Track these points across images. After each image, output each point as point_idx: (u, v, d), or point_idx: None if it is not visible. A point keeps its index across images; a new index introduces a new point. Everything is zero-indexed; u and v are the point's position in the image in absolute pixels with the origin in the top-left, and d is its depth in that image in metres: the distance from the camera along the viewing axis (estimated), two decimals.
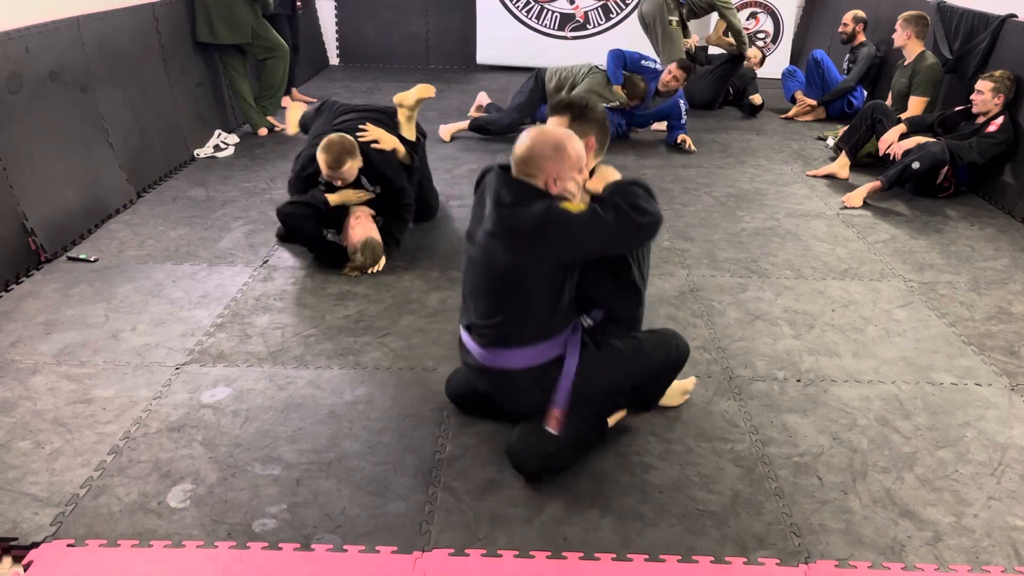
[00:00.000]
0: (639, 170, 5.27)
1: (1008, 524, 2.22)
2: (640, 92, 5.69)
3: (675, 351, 2.51)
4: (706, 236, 4.19)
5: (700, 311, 3.39)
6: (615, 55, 5.74)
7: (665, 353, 2.48)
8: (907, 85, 5.52)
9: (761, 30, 8.33)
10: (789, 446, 2.53)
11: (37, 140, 3.80)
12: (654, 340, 2.48)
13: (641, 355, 2.42)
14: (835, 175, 5.19)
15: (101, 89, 4.42)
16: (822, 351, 3.09)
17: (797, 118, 6.71)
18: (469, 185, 4.89)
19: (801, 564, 2.07)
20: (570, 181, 2.18)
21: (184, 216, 4.33)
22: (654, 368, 2.47)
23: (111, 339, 3.08)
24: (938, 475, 2.41)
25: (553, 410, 2.30)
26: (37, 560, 2.04)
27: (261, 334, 3.13)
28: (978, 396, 2.82)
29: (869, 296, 3.55)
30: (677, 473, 2.39)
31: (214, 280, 3.58)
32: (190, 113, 5.44)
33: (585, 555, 2.08)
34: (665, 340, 2.51)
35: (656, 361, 2.46)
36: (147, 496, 2.26)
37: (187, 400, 2.70)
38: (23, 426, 2.55)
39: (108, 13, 4.59)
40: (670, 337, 2.53)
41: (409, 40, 8.63)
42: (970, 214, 4.59)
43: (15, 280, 3.51)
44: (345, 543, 2.10)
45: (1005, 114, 4.64)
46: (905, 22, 5.47)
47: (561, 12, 8.24)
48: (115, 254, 3.83)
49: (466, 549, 2.09)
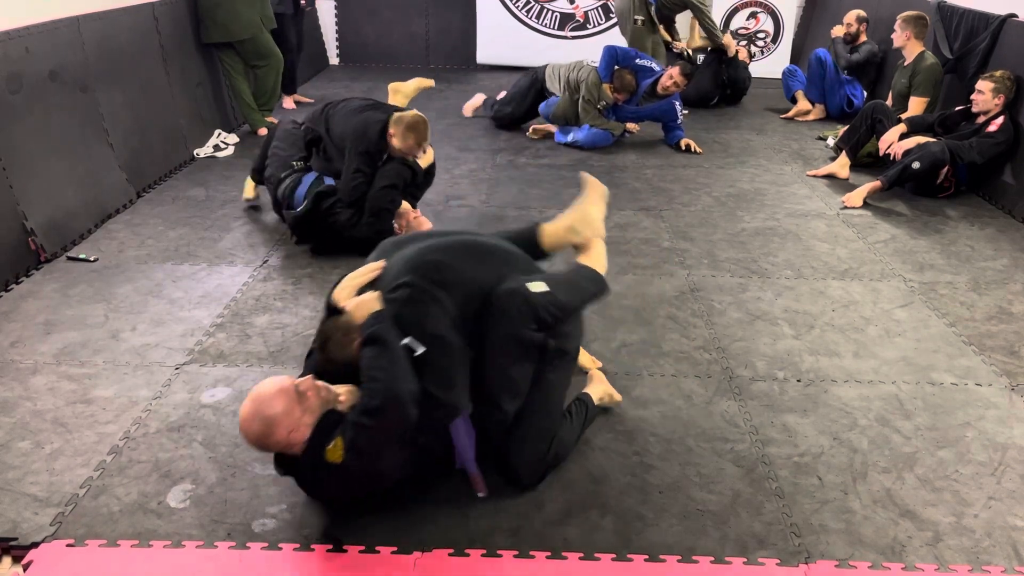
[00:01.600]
0: (639, 170, 5.28)
1: (1008, 524, 2.22)
2: (627, 85, 5.68)
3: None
4: (706, 236, 4.19)
5: (700, 311, 3.39)
6: (608, 52, 5.76)
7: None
8: (907, 85, 5.52)
9: (761, 30, 8.32)
10: (789, 446, 2.53)
11: (37, 140, 3.80)
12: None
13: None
14: (835, 175, 5.19)
15: (101, 89, 4.42)
16: (822, 351, 3.09)
17: (797, 118, 6.71)
18: (469, 185, 4.89)
19: (801, 564, 2.07)
20: (307, 415, 1.99)
21: (184, 216, 4.32)
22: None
23: (111, 339, 3.08)
24: (938, 475, 2.41)
25: (472, 476, 2.25)
26: (37, 560, 2.04)
27: (261, 334, 3.13)
28: (978, 396, 2.82)
29: (869, 296, 3.55)
30: (677, 473, 2.39)
31: (214, 280, 3.58)
32: (190, 113, 5.44)
33: (585, 555, 2.08)
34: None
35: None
36: (147, 496, 2.26)
37: (187, 400, 2.70)
38: (23, 426, 2.54)
39: (108, 13, 4.59)
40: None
41: (409, 40, 8.63)
42: (970, 214, 4.59)
43: (15, 280, 3.51)
44: (345, 543, 2.09)
45: (1005, 114, 4.64)
46: (905, 22, 5.47)
47: (561, 12, 8.24)
48: (115, 254, 3.83)
49: (466, 549, 2.09)
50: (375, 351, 2.02)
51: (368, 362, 2.01)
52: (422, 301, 2.15)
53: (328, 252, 3.83)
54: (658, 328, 3.24)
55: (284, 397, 1.98)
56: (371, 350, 2.03)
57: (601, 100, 5.70)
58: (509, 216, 4.38)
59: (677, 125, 5.79)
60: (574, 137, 5.78)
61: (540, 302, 2.20)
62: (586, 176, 2.79)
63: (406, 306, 2.14)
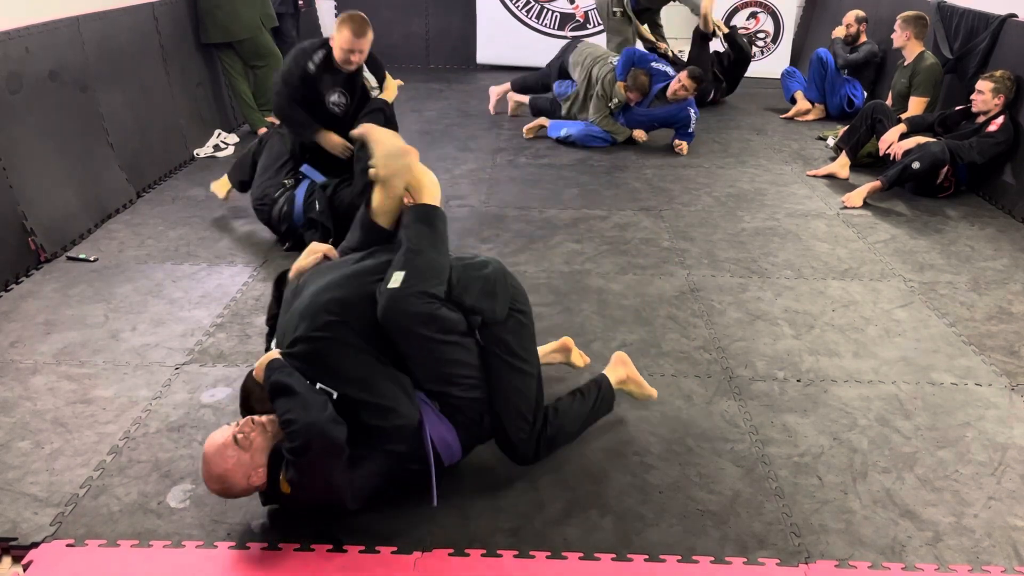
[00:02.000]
0: (639, 170, 5.28)
1: (1008, 524, 2.22)
2: (641, 85, 5.67)
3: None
4: (706, 236, 4.19)
5: (700, 311, 3.39)
6: (627, 54, 5.80)
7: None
8: (907, 85, 5.52)
9: (761, 30, 8.32)
10: (789, 446, 2.53)
11: (37, 140, 3.80)
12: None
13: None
14: (835, 175, 5.19)
15: (101, 89, 4.42)
16: (822, 351, 3.09)
17: (796, 118, 6.71)
18: (469, 185, 4.89)
19: (801, 564, 2.07)
20: (257, 456, 2.01)
21: (184, 216, 4.32)
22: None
23: (111, 339, 3.08)
24: (938, 475, 2.41)
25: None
26: (37, 560, 2.04)
27: (261, 334, 3.13)
28: (978, 396, 2.82)
29: (869, 296, 3.55)
30: (677, 473, 2.39)
31: (214, 280, 3.58)
32: (190, 113, 5.44)
33: (585, 555, 2.08)
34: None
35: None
36: (147, 496, 2.26)
37: (187, 400, 2.70)
38: (23, 426, 2.54)
39: (108, 13, 4.59)
40: None
41: (409, 40, 8.62)
42: (970, 214, 4.59)
43: (15, 280, 3.51)
44: (345, 543, 2.09)
45: (1005, 114, 4.64)
46: (904, 23, 5.47)
47: (561, 12, 8.24)
48: (115, 254, 3.83)
49: (466, 549, 2.09)
50: (279, 396, 2.02)
51: (280, 410, 2.01)
52: (321, 351, 2.10)
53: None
54: (658, 328, 3.24)
55: (228, 451, 1.99)
56: (277, 398, 2.03)
57: (614, 98, 5.72)
58: (509, 216, 4.38)
59: (689, 133, 5.75)
60: (567, 132, 5.79)
61: (407, 292, 2.09)
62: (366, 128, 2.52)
63: (309, 361, 2.09)
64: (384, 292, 2.10)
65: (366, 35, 3.80)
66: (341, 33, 3.78)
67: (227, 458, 1.98)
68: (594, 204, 4.63)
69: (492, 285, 2.26)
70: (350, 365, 2.09)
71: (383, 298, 2.09)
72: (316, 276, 2.28)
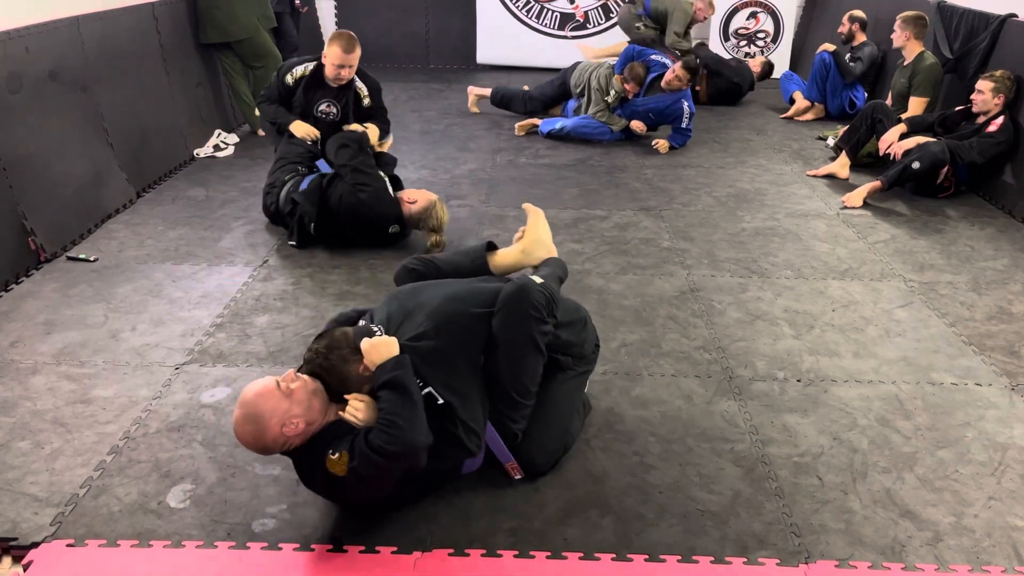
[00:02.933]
0: (639, 170, 5.28)
1: (1008, 524, 2.22)
2: (637, 75, 5.73)
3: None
4: (706, 236, 4.19)
5: (700, 311, 3.39)
6: (626, 51, 5.93)
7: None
8: (907, 85, 5.52)
9: (761, 30, 8.32)
10: (789, 446, 2.53)
11: (37, 140, 3.80)
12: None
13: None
14: (835, 175, 5.19)
15: (101, 89, 4.42)
16: (822, 351, 3.09)
17: (796, 117, 6.71)
18: (469, 185, 4.89)
19: (801, 564, 2.07)
20: (295, 407, 2.02)
21: (184, 216, 4.33)
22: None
23: (111, 339, 3.08)
24: (938, 475, 2.41)
25: (507, 464, 2.32)
26: (37, 560, 2.04)
27: (261, 334, 3.13)
28: (978, 396, 2.82)
29: (869, 296, 3.55)
30: (677, 473, 2.39)
31: (214, 280, 3.58)
32: (190, 113, 5.44)
33: (585, 555, 2.08)
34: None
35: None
36: (147, 496, 2.26)
37: (187, 400, 2.70)
38: (23, 426, 2.54)
39: (108, 13, 4.59)
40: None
41: (409, 40, 8.62)
42: (970, 214, 4.59)
43: (15, 280, 3.51)
44: (345, 543, 2.09)
45: (1005, 114, 4.64)
46: (904, 23, 5.47)
47: (561, 12, 8.24)
48: (115, 254, 3.83)
49: (466, 549, 2.09)
50: (396, 397, 2.03)
51: (389, 406, 2.02)
52: (445, 357, 2.21)
53: (339, 246, 3.90)
54: (658, 328, 3.24)
55: (268, 394, 2.01)
56: (392, 395, 2.04)
57: (611, 90, 5.78)
58: (509, 216, 4.38)
59: (683, 129, 5.74)
60: (562, 125, 5.85)
61: (542, 286, 2.33)
62: (528, 206, 2.99)
63: (428, 362, 2.18)
64: (522, 278, 2.36)
65: (354, 51, 4.12)
66: (331, 49, 4.11)
67: (266, 399, 2.00)
68: (594, 204, 4.63)
69: (583, 326, 2.56)
70: (461, 380, 2.22)
71: (518, 282, 2.32)
72: (435, 284, 2.49)
